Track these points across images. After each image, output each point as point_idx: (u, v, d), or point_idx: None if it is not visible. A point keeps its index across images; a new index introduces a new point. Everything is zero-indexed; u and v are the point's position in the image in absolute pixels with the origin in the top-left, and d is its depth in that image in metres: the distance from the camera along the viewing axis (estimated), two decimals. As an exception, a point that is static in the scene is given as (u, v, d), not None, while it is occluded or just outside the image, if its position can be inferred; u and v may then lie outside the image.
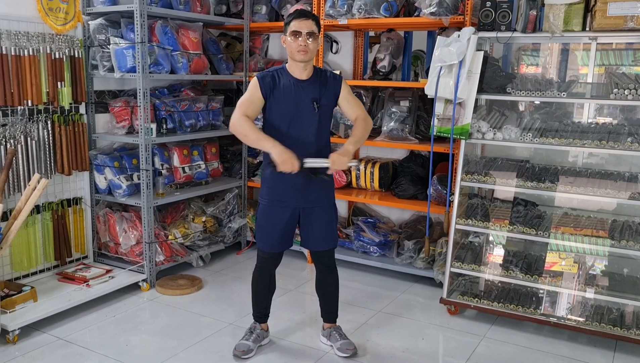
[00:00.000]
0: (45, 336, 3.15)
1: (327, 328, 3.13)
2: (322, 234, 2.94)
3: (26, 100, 3.44)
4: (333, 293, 3.11)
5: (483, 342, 3.21)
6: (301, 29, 2.67)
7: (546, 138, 3.26)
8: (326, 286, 3.09)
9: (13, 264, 3.52)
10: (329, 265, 3.04)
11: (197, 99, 4.36)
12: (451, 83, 3.36)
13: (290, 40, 2.70)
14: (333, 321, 3.14)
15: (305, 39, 2.67)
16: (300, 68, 2.76)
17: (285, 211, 2.85)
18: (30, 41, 3.43)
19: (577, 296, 3.33)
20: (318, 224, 2.91)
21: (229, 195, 4.62)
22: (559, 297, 3.39)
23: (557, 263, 3.39)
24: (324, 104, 2.80)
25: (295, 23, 2.69)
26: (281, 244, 2.94)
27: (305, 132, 2.77)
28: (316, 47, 2.74)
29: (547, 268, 3.37)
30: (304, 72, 2.78)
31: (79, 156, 3.79)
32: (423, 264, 4.04)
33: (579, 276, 3.30)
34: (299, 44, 2.67)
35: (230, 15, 4.53)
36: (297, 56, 2.70)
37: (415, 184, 4.16)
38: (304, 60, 2.72)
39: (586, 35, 3.27)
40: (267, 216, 2.89)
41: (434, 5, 3.67)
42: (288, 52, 2.75)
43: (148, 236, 3.82)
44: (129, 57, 3.70)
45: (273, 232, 2.89)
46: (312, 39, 2.69)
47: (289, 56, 2.75)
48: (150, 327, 3.33)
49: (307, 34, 2.67)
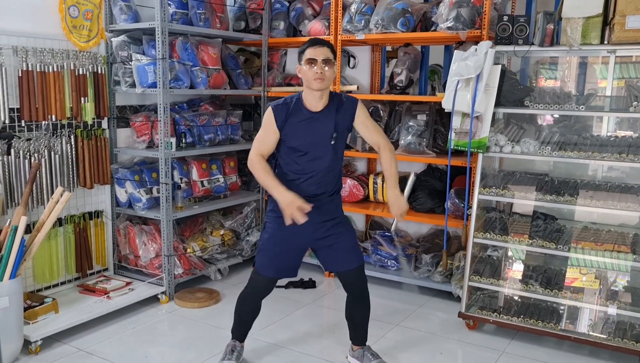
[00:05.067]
0: (66, 347, 3.19)
1: (356, 350, 3.02)
2: (345, 252, 2.81)
3: (50, 115, 3.52)
4: (365, 316, 2.97)
5: (502, 357, 3.17)
6: (317, 57, 2.60)
7: (565, 151, 3.24)
8: (358, 312, 2.94)
9: (35, 276, 3.58)
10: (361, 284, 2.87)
11: (216, 113, 4.42)
12: (468, 97, 3.37)
13: (306, 68, 2.62)
14: (362, 343, 3.03)
15: (321, 66, 2.60)
16: (317, 98, 2.68)
17: (299, 228, 2.66)
18: (54, 58, 3.52)
19: (598, 311, 3.29)
20: (343, 241, 2.81)
21: (247, 209, 4.65)
22: (580, 313, 3.35)
23: (578, 279, 3.34)
24: (340, 134, 2.74)
25: (310, 51, 2.62)
26: (284, 270, 2.84)
27: (320, 163, 2.72)
28: (333, 75, 2.66)
29: (568, 284, 3.32)
30: (320, 102, 2.69)
31: (101, 170, 3.86)
32: (441, 278, 4.02)
33: (600, 292, 3.25)
34: (315, 71, 2.59)
35: (248, 31, 4.60)
36: (314, 85, 2.62)
37: (432, 197, 4.16)
38: (321, 88, 2.63)
39: (604, 48, 3.26)
40: (273, 238, 2.79)
41: (451, 20, 3.68)
42: (304, 81, 2.67)
43: (167, 249, 3.86)
44: (150, 73, 3.77)
45: (281, 254, 2.79)
46: (328, 66, 2.62)
47: (305, 85, 2.67)
48: (169, 339, 3.36)
49: (322, 61, 2.60)
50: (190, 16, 4.00)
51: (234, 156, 4.69)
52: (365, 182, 4.47)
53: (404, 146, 4.11)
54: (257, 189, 4.76)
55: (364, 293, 2.91)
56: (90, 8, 3.77)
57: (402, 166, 4.57)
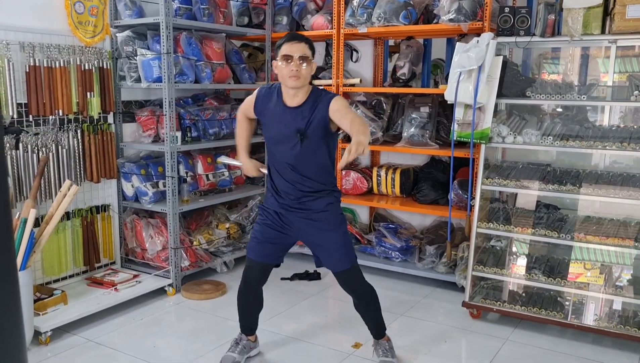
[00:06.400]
0: (76, 338, 3.24)
1: (373, 343, 3.01)
2: (329, 255, 2.74)
3: (57, 110, 3.56)
4: (369, 313, 2.92)
5: (506, 345, 3.21)
6: (292, 53, 2.48)
7: (567, 141, 3.27)
8: (360, 309, 2.91)
9: (44, 269, 3.63)
10: (353, 285, 2.81)
11: (220, 108, 4.46)
12: (471, 88, 3.40)
13: (282, 65, 2.50)
14: (379, 337, 2.98)
15: (297, 63, 2.48)
16: (291, 94, 2.57)
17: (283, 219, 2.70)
18: (61, 53, 3.57)
19: (602, 300, 3.31)
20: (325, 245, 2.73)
21: (251, 202, 4.69)
22: (584, 306, 3.36)
23: (582, 274, 3.35)
24: (311, 134, 2.56)
25: (286, 47, 2.50)
26: (268, 256, 2.78)
27: (289, 158, 2.62)
28: (310, 72, 2.53)
29: (572, 279, 3.33)
30: (294, 99, 2.58)
31: (107, 164, 3.90)
32: (445, 269, 4.05)
33: (605, 286, 3.26)
34: (290, 69, 2.47)
35: (252, 26, 4.63)
36: (289, 82, 2.50)
37: (436, 189, 4.19)
38: (296, 86, 2.52)
39: (605, 38, 3.28)
40: (260, 228, 2.77)
41: (453, 12, 3.71)
42: (279, 77, 2.55)
43: (174, 242, 3.91)
44: (155, 68, 3.81)
45: (265, 237, 2.75)
46: (305, 63, 2.49)
47: (281, 80, 2.57)
48: (176, 330, 3.40)
49: (299, 58, 2.48)
50: (194, 11, 4.03)
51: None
52: (369, 175, 4.50)
53: (407, 138, 4.14)
54: (262, 183, 4.80)
55: (356, 294, 2.84)
56: (96, 4, 3.81)
57: (405, 159, 4.63)
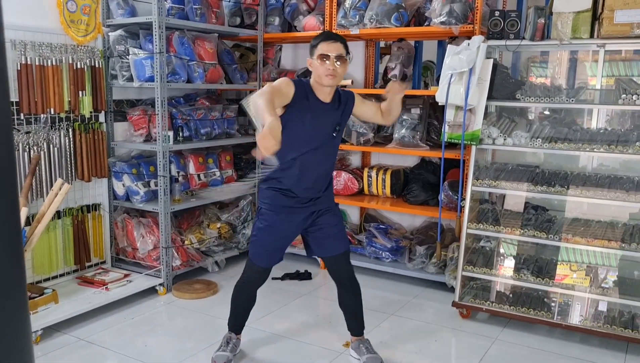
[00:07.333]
0: (67, 337, 3.23)
1: (354, 342, 3.05)
2: (333, 238, 2.82)
3: (49, 108, 3.55)
4: (357, 307, 2.99)
5: (495, 344, 3.25)
6: (330, 52, 2.54)
7: (555, 143, 3.31)
8: (349, 302, 2.96)
9: (34, 267, 3.62)
10: (348, 272, 2.89)
11: (212, 108, 4.47)
12: (461, 90, 3.44)
13: (318, 63, 2.55)
14: (360, 334, 3.05)
15: (333, 62, 2.53)
16: (326, 92, 2.63)
17: (294, 218, 2.73)
18: (53, 52, 3.56)
19: (588, 301, 3.37)
20: (331, 227, 2.81)
21: (242, 202, 4.70)
22: (570, 307, 3.41)
23: (568, 276, 3.41)
24: (342, 126, 2.76)
25: (323, 46, 2.55)
26: (278, 257, 2.84)
27: (323, 155, 2.71)
28: (344, 71, 2.61)
29: (559, 281, 3.38)
30: (329, 96, 2.65)
31: (98, 163, 3.89)
32: (435, 269, 4.09)
33: (591, 287, 3.31)
34: (327, 68, 2.53)
35: (244, 27, 4.65)
36: (325, 80, 2.56)
37: (426, 190, 4.23)
38: (332, 84, 2.58)
39: (594, 42, 3.34)
40: (267, 229, 2.75)
41: (444, 15, 3.75)
42: (315, 75, 2.60)
43: (165, 241, 3.91)
44: (147, 67, 3.81)
45: (274, 244, 2.78)
46: (340, 62, 2.56)
47: (316, 79, 2.61)
48: (167, 329, 3.41)
49: (335, 57, 2.54)
50: (187, 11, 4.04)
51: (229, 150, 4.74)
52: (359, 175, 4.53)
53: (397, 140, 4.18)
54: (253, 184, 4.81)
55: (352, 280, 2.92)
56: (88, 2, 3.80)
57: (396, 160, 4.66)
